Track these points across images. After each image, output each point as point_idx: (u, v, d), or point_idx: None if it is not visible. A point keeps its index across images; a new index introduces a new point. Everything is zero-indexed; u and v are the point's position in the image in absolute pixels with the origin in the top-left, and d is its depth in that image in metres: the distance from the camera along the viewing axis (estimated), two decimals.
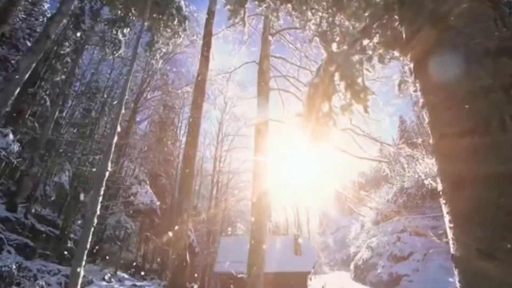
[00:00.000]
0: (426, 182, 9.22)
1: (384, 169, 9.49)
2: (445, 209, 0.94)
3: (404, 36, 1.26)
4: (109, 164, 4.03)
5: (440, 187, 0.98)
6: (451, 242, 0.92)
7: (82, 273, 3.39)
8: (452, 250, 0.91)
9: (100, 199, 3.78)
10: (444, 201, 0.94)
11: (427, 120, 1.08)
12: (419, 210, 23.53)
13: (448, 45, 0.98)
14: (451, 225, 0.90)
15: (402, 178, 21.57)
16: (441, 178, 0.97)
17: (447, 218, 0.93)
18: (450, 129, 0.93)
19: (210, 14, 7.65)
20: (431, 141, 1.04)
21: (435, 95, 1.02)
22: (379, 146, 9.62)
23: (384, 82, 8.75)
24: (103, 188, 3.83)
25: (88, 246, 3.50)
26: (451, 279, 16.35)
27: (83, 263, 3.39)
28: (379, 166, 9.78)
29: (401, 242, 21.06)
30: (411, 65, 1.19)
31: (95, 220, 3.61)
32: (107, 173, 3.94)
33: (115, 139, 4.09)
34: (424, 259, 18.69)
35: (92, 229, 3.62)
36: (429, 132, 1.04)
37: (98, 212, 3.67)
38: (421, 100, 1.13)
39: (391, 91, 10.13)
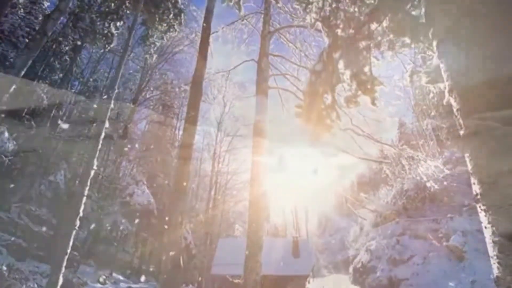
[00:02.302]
0: (428, 184, 9.04)
1: (384, 170, 9.35)
2: (484, 219, 0.73)
3: (424, 11, 1.07)
4: (95, 162, 3.82)
5: (476, 189, 0.77)
6: (494, 260, 0.71)
7: (61, 281, 3.15)
8: (495, 272, 0.71)
9: (84, 199, 3.55)
10: (484, 208, 0.73)
11: (456, 106, 0.88)
12: (419, 212, 23.30)
13: (486, 12, 0.79)
14: (495, 239, 0.70)
15: (402, 180, 21.45)
16: (478, 179, 0.77)
17: (488, 230, 0.72)
18: (491, 114, 0.73)
19: (209, 9, 7.51)
20: (461, 132, 0.84)
21: (469, 75, 0.82)
22: (379, 147, 9.45)
23: (386, 81, 8.60)
24: (87, 188, 3.61)
25: (68, 251, 3.26)
26: (451, 283, 16.13)
27: (63, 269, 3.16)
28: (379, 168, 9.64)
29: (400, 245, 20.79)
30: (434, 44, 0.99)
31: (78, 223, 3.38)
32: (92, 172, 3.73)
33: (102, 135, 3.89)
34: (424, 263, 18.43)
35: (74, 232, 3.38)
36: (459, 121, 0.84)
37: (81, 214, 3.44)
38: (447, 84, 0.93)
39: (392, 92, 9.98)
